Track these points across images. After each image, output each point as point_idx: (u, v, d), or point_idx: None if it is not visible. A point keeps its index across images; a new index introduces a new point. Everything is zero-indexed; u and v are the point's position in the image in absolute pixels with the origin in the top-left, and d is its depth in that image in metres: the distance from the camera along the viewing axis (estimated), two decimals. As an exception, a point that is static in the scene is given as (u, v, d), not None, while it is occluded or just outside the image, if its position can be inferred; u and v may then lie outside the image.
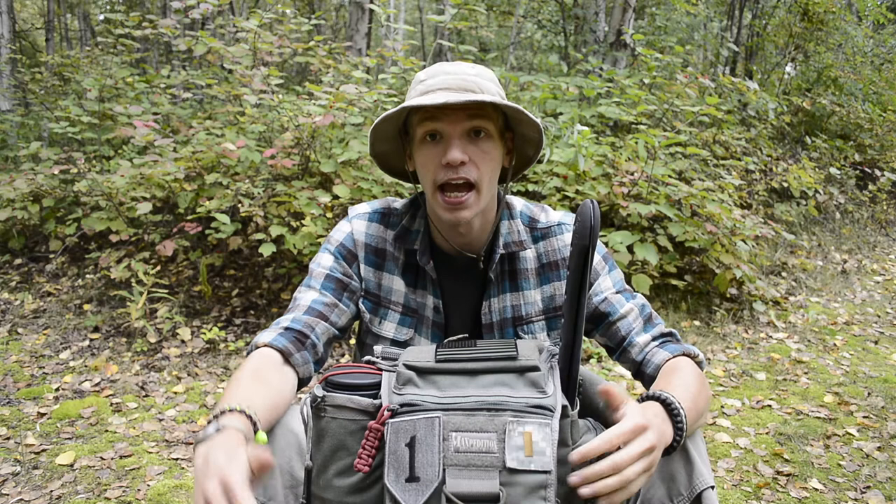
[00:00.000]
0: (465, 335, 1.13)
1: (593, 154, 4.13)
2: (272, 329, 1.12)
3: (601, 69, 5.72)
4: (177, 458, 2.30)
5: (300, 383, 1.10)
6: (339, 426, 0.93)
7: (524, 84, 5.45)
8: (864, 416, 2.69)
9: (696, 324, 3.79)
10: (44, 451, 2.31)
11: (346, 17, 10.79)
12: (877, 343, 3.67)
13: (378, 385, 0.96)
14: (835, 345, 3.60)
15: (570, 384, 0.96)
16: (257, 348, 1.08)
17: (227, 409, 0.89)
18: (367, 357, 1.03)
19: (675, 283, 3.91)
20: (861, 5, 9.59)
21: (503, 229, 1.20)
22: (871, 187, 6.80)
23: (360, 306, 1.23)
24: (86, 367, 3.03)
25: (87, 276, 3.91)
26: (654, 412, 0.92)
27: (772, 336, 3.70)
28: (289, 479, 0.97)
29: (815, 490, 2.16)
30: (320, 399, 0.94)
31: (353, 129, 4.15)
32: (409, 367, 0.94)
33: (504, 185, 1.22)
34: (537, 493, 0.84)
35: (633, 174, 4.09)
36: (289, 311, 1.17)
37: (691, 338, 3.60)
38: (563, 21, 8.35)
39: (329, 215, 3.51)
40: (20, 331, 3.44)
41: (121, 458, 2.28)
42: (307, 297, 1.17)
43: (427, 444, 0.86)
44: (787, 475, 2.25)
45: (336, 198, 3.53)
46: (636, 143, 4.22)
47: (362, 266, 1.22)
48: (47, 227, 4.14)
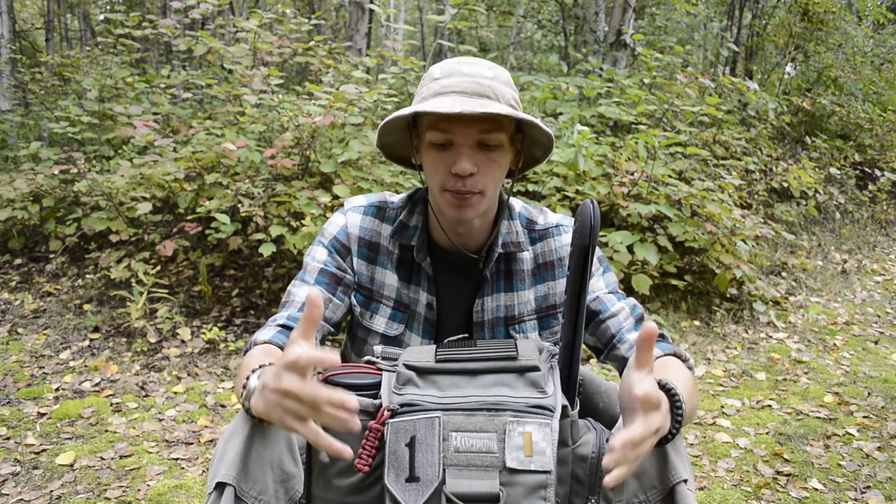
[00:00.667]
0: (465, 335, 1.13)
1: (593, 154, 4.13)
2: (269, 327, 1.12)
3: (601, 69, 5.72)
4: (177, 458, 2.30)
5: None
6: (339, 426, 0.93)
7: (524, 84, 5.45)
8: (864, 416, 2.69)
9: (696, 324, 3.79)
10: (44, 451, 2.31)
11: (346, 17, 10.79)
12: (877, 343, 3.67)
13: (378, 385, 0.96)
14: (835, 345, 3.59)
15: (570, 384, 0.96)
16: (255, 345, 1.08)
17: (259, 367, 0.91)
18: (367, 357, 1.03)
19: (675, 283, 3.91)
20: (861, 5, 9.59)
21: (503, 229, 1.20)
22: (871, 187, 6.80)
23: (352, 299, 1.22)
24: (86, 367, 3.03)
25: (87, 276, 3.91)
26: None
27: (772, 336, 3.70)
28: (279, 473, 0.96)
29: (815, 490, 2.16)
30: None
31: (353, 129, 4.15)
32: (409, 367, 0.94)
33: (507, 186, 1.21)
34: (537, 493, 0.84)
35: (633, 174, 4.09)
36: (283, 306, 1.17)
37: (691, 338, 3.60)
38: (563, 21, 8.35)
39: (329, 215, 3.51)
40: (20, 331, 3.44)
41: (121, 458, 2.28)
42: (302, 292, 1.17)
43: (427, 444, 0.86)
44: (787, 475, 2.25)
45: (336, 198, 3.53)
46: (636, 143, 4.22)
47: (355, 259, 1.21)
48: (47, 227, 4.14)
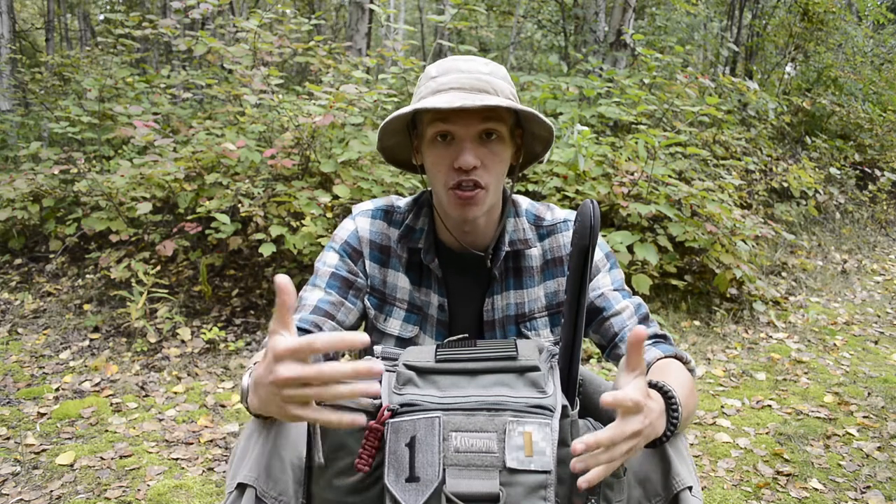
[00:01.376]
0: (466, 335, 1.13)
1: (593, 154, 4.13)
2: None
3: (601, 69, 5.72)
4: (177, 458, 2.30)
5: None
6: (339, 425, 0.93)
7: (524, 84, 5.45)
8: (864, 416, 2.69)
9: (696, 324, 3.79)
10: (44, 451, 2.31)
11: (346, 17, 10.79)
12: (877, 343, 3.67)
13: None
14: (835, 345, 3.59)
15: (570, 384, 0.96)
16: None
17: (254, 364, 0.92)
18: (366, 357, 1.03)
19: (675, 283, 3.91)
20: (861, 5, 9.59)
21: (509, 227, 1.19)
22: (871, 187, 6.80)
23: (366, 302, 1.22)
24: (86, 367, 3.03)
25: (87, 276, 3.91)
26: (654, 399, 0.89)
27: (772, 336, 3.70)
28: (300, 473, 0.96)
29: (815, 490, 2.16)
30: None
31: (353, 129, 4.15)
32: (409, 367, 0.94)
33: (510, 183, 1.21)
34: (537, 493, 0.84)
35: (633, 174, 4.09)
36: (295, 311, 1.17)
37: (691, 338, 3.60)
38: (563, 21, 8.35)
39: (329, 215, 3.51)
40: (20, 331, 3.44)
41: (121, 458, 2.28)
42: (313, 296, 1.17)
43: (427, 443, 0.86)
44: (787, 475, 2.25)
45: (336, 198, 3.53)
46: (636, 143, 4.22)
47: (367, 263, 1.21)
48: (47, 227, 4.14)
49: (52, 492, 2.07)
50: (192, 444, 2.40)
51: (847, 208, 6.44)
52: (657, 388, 0.93)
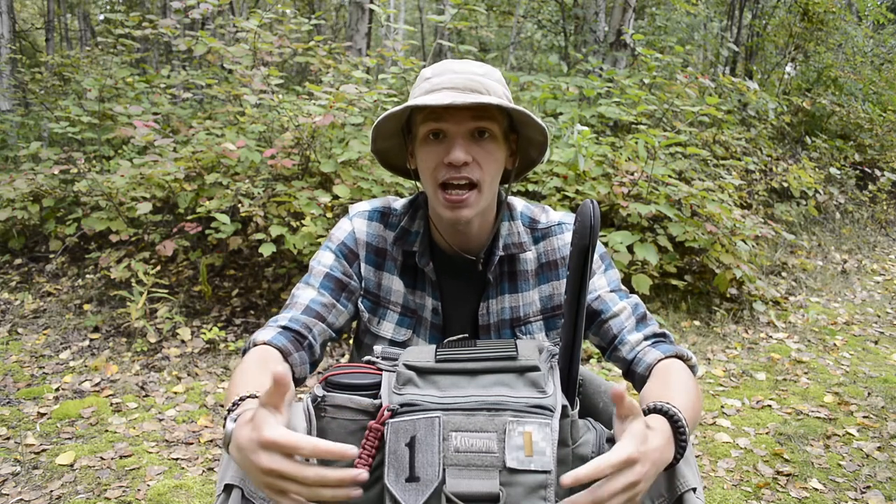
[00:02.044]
0: (466, 335, 1.13)
1: (593, 154, 4.13)
2: (270, 327, 1.11)
3: (601, 69, 5.72)
4: (177, 458, 2.30)
5: (295, 383, 1.10)
6: (339, 426, 0.93)
7: (524, 84, 5.45)
8: (864, 416, 2.69)
9: (696, 324, 3.79)
10: (44, 451, 2.31)
11: (346, 17, 10.79)
12: (877, 343, 3.67)
13: (378, 385, 0.96)
14: (835, 345, 3.59)
15: (570, 384, 0.96)
16: (255, 345, 1.08)
17: (239, 400, 0.90)
18: (366, 357, 1.03)
19: (675, 283, 3.91)
20: (861, 5, 9.59)
21: (503, 230, 1.19)
22: (871, 187, 6.80)
23: (360, 305, 1.22)
24: (86, 367, 3.03)
25: (87, 276, 3.91)
26: (659, 428, 0.88)
27: (772, 336, 3.70)
28: None
29: (815, 490, 2.16)
30: (320, 399, 0.93)
31: (353, 129, 4.15)
32: (409, 367, 0.94)
33: (506, 187, 1.21)
34: (537, 493, 0.84)
35: (633, 174, 4.09)
36: (286, 307, 1.17)
37: (691, 338, 3.60)
38: (563, 21, 8.35)
39: (329, 215, 3.51)
40: (20, 331, 3.44)
41: (121, 458, 2.28)
42: (305, 295, 1.17)
43: (427, 443, 0.86)
44: (787, 475, 2.25)
45: (336, 198, 3.53)
46: (636, 143, 4.22)
47: (363, 265, 1.21)
48: (47, 227, 4.14)
49: (52, 492, 2.07)
50: (192, 444, 2.40)
51: (847, 208, 6.45)
52: (662, 412, 0.91)
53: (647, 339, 1.14)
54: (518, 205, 1.24)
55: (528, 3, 9.70)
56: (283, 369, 0.78)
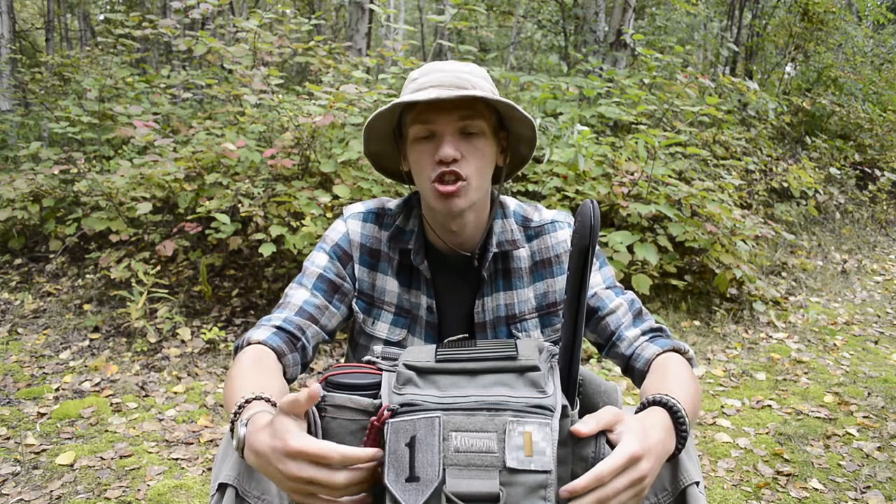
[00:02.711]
0: (466, 335, 1.13)
1: (593, 154, 4.13)
2: (264, 327, 1.12)
3: (601, 69, 5.72)
4: (177, 459, 2.30)
5: (287, 384, 1.11)
6: (339, 426, 0.93)
7: (524, 84, 5.45)
8: (864, 416, 2.69)
9: (696, 324, 3.79)
10: (44, 451, 2.31)
11: (346, 17, 10.79)
12: (877, 343, 3.67)
13: (378, 385, 0.96)
14: (835, 345, 3.60)
15: (570, 384, 0.96)
16: (249, 344, 1.08)
17: (245, 402, 0.91)
18: (367, 357, 1.03)
19: (675, 283, 3.91)
20: (861, 5, 9.59)
21: (496, 228, 1.21)
22: (871, 187, 6.80)
23: (354, 307, 1.23)
24: (86, 367, 3.03)
25: (87, 276, 3.91)
26: (659, 420, 0.90)
27: (772, 336, 3.70)
28: None
29: (815, 490, 2.16)
30: (320, 399, 0.94)
31: (353, 129, 4.15)
32: (409, 367, 0.94)
33: (498, 185, 1.23)
34: (537, 493, 0.84)
35: (633, 174, 4.09)
36: (279, 307, 1.18)
37: (691, 338, 3.60)
38: (563, 21, 8.35)
39: (329, 215, 3.51)
40: (20, 331, 3.44)
41: (121, 458, 2.28)
42: (299, 295, 1.17)
43: (427, 443, 0.86)
44: (787, 475, 2.25)
45: (336, 198, 3.53)
46: (636, 143, 4.22)
47: (357, 266, 1.22)
48: (47, 227, 4.14)
49: (52, 492, 2.07)
50: (192, 444, 2.40)
51: (847, 208, 6.45)
52: (662, 404, 0.93)
53: (644, 334, 1.15)
54: (510, 203, 1.26)
55: (528, 3, 9.70)
56: (317, 387, 0.81)
